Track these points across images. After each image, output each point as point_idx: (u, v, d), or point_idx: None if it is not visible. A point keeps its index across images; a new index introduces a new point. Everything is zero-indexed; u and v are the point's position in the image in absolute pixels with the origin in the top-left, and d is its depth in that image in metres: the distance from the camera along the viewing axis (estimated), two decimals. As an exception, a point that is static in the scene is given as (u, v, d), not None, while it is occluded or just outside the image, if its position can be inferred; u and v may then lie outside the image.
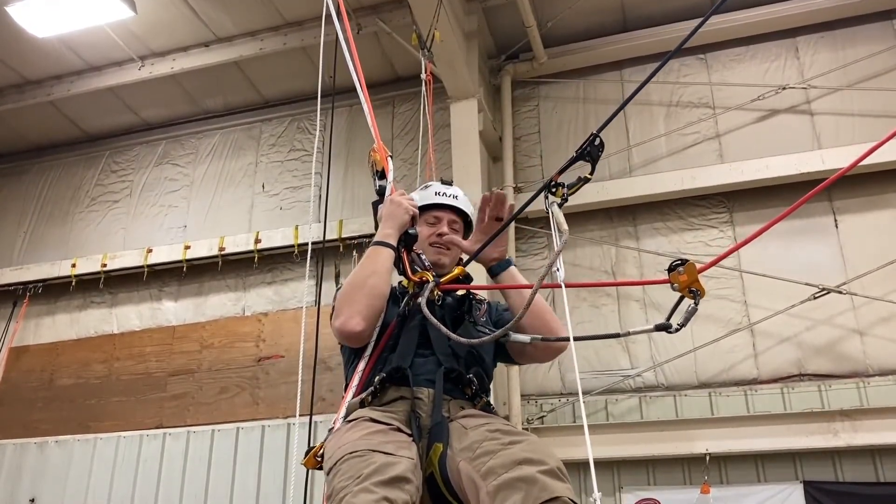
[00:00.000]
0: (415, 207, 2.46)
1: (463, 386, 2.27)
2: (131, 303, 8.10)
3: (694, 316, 1.77)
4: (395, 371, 2.21)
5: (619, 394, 6.19)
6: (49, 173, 9.17)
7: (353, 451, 1.90)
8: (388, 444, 1.92)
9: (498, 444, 1.92)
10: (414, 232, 2.45)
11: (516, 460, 1.83)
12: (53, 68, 8.08)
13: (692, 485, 5.71)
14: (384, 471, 1.78)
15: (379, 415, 2.11)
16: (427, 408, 2.15)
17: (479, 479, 1.85)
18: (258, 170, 8.19)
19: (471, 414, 2.20)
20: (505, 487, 1.77)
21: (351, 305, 2.24)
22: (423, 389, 2.18)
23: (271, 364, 7.22)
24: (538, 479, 1.75)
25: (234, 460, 6.89)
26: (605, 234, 6.78)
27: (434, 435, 2.06)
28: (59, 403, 7.81)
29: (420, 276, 2.37)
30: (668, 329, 1.83)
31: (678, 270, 1.80)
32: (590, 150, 2.05)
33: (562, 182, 2.09)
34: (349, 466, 1.84)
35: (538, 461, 1.82)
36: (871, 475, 5.45)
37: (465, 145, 6.56)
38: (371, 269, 2.30)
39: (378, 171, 2.65)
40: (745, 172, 6.36)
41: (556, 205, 2.07)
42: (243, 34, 7.59)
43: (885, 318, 5.79)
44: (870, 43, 6.56)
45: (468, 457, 1.94)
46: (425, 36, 5.88)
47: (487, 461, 1.88)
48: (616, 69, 7.26)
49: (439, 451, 2.01)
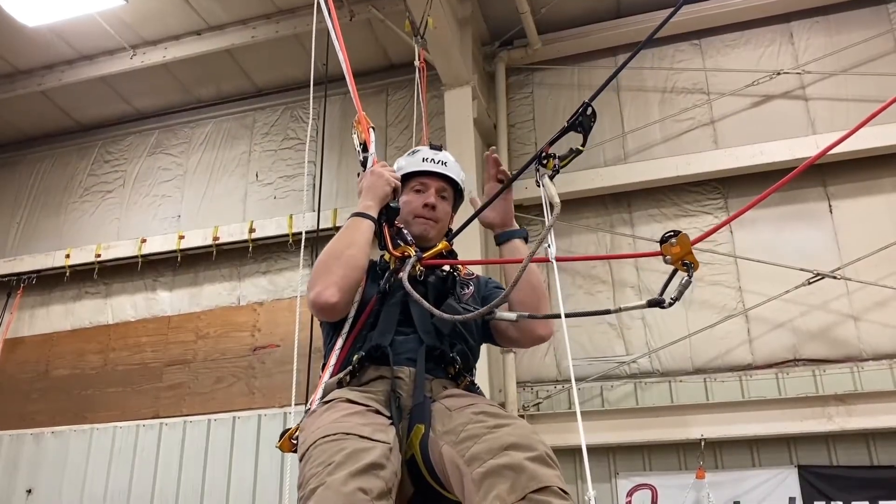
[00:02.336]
0: (396, 180, 2.38)
1: (445, 365, 2.17)
2: (126, 293, 8.08)
3: (688, 289, 1.72)
4: (375, 349, 2.12)
5: (615, 380, 6.20)
6: (42, 164, 9.12)
7: (326, 434, 1.81)
8: (365, 427, 1.84)
9: (483, 428, 1.83)
10: (396, 205, 2.36)
11: (503, 445, 1.74)
12: (44, 58, 8.01)
13: (687, 470, 5.74)
14: (358, 457, 1.69)
15: (357, 395, 2.02)
16: (408, 387, 2.06)
17: (464, 464, 1.76)
18: (252, 159, 8.16)
19: (454, 394, 2.11)
20: (491, 475, 1.68)
21: (327, 276, 2.14)
22: (403, 369, 2.09)
23: (267, 353, 7.22)
24: (526, 467, 1.67)
25: (230, 450, 6.90)
26: (599, 221, 6.78)
27: (415, 416, 1.97)
28: (55, 394, 7.80)
29: (402, 250, 2.27)
30: (661, 304, 1.76)
31: (670, 242, 1.75)
32: (581, 120, 1.99)
33: (553, 153, 2.04)
34: (321, 452, 1.76)
35: (526, 446, 1.72)
36: (864, 459, 5.49)
37: (460, 133, 6.54)
38: (349, 239, 2.21)
39: (361, 144, 2.57)
40: (740, 158, 6.36)
41: (548, 176, 2.02)
42: (235, 22, 7.54)
43: (879, 302, 5.81)
44: (864, 28, 6.55)
45: (451, 440, 1.85)
46: (418, 23, 5.85)
47: (472, 446, 1.78)
48: (610, 55, 7.23)
49: (420, 433, 1.92)
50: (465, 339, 2.29)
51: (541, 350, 6.50)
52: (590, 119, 1.99)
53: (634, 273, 6.47)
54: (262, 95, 8.37)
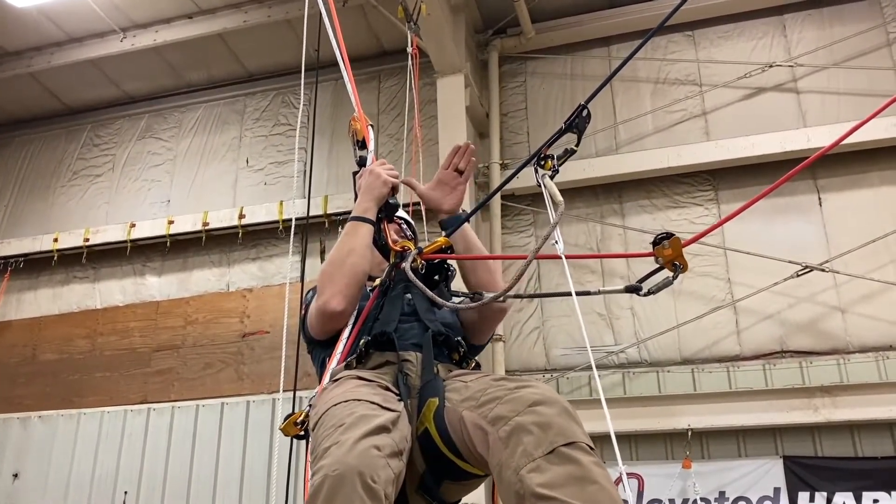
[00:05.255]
0: (395, 178, 2.39)
1: (450, 351, 2.21)
2: (114, 278, 8.04)
3: (667, 287, 1.78)
4: (381, 335, 2.15)
5: (603, 370, 6.23)
6: (30, 147, 9.04)
7: (338, 402, 1.81)
8: (376, 396, 1.84)
9: (504, 390, 1.81)
10: (394, 202, 2.39)
11: (528, 402, 1.71)
12: (33, 39, 7.94)
13: (674, 460, 5.79)
14: (369, 420, 1.69)
15: (366, 373, 2.05)
16: (416, 369, 2.07)
17: (488, 424, 1.75)
18: (242, 144, 8.11)
19: (465, 372, 2.14)
20: (518, 431, 1.66)
21: (331, 286, 2.19)
22: (410, 353, 2.11)
23: (256, 340, 7.21)
24: (553, 422, 1.64)
25: (218, 435, 6.90)
26: (590, 212, 6.79)
27: (426, 391, 1.98)
28: (43, 378, 7.78)
29: (402, 245, 2.32)
30: (637, 291, 1.83)
31: (663, 244, 1.79)
32: (577, 121, 2.03)
33: (551, 154, 2.08)
34: (331, 416, 1.77)
35: (552, 402, 1.70)
36: (849, 450, 5.55)
37: (452, 121, 6.52)
38: (349, 246, 2.25)
39: (359, 141, 2.57)
40: (731, 150, 6.37)
41: (548, 177, 2.05)
42: (227, 6, 7.48)
43: (866, 295, 5.85)
44: (856, 21, 6.56)
45: (472, 405, 1.84)
46: (411, 9, 5.81)
47: (494, 407, 1.77)
48: (604, 45, 7.22)
49: (434, 406, 1.92)
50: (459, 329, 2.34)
51: (530, 339, 6.52)
52: (585, 120, 2.04)
53: (624, 265, 6.48)
54: (253, 80, 8.32)
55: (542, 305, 6.57)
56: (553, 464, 1.57)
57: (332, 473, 1.54)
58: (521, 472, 1.59)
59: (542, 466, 1.58)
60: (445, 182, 2.44)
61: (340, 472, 1.53)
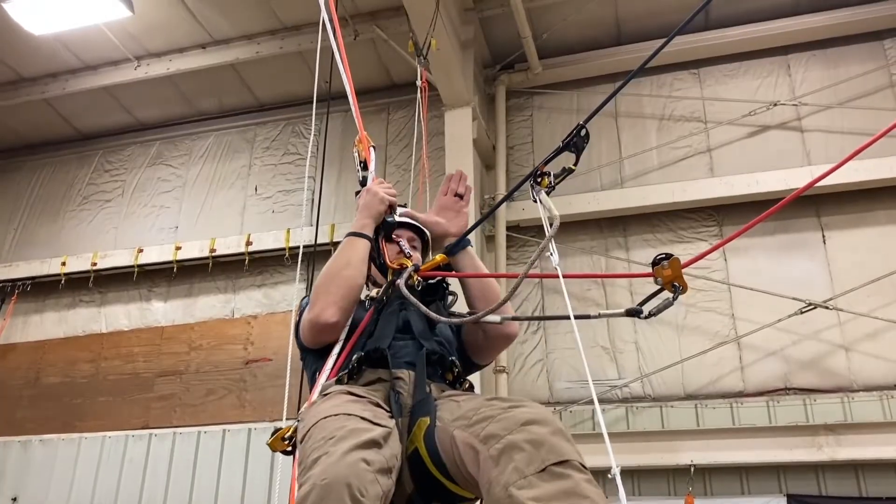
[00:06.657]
0: (392, 196, 2.45)
1: (444, 371, 2.19)
2: (120, 302, 8.08)
3: (667, 308, 1.78)
4: (374, 351, 2.13)
5: (606, 404, 6.20)
6: (42, 171, 9.14)
7: (328, 415, 1.80)
8: (366, 412, 1.83)
9: (497, 409, 1.78)
10: (392, 220, 2.44)
11: (520, 421, 1.69)
12: (49, 66, 8.07)
13: (676, 496, 5.73)
14: (359, 434, 1.68)
15: (357, 389, 2.02)
16: (408, 387, 2.05)
17: (479, 443, 1.72)
18: (251, 172, 8.19)
19: (458, 392, 2.13)
20: (509, 449, 1.63)
21: (325, 297, 2.21)
22: (403, 371, 2.08)
23: (259, 367, 7.21)
24: (545, 440, 1.62)
25: (219, 462, 6.87)
26: (595, 245, 6.82)
27: (418, 410, 1.95)
28: (45, 402, 7.77)
29: (399, 262, 2.35)
30: (638, 314, 1.84)
31: (662, 265, 1.81)
32: (575, 140, 2.07)
33: (548, 171, 2.13)
34: (321, 429, 1.75)
35: (544, 422, 1.68)
36: (853, 490, 5.48)
37: (459, 153, 6.59)
38: (345, 259, 2.29)
39: (361, 162, 2.66)
40: (735, 187, 6.41)
41: (544, 192, 2.10)
42: (240, 37, 7.61)
43: (870, 333, 5.85)
44: (860, 62, 6.65)
45: (463, 424, 1.81)
46: (422, 44, 5.92)
47: (486, 426, 1.74)
48: (610, 81, 7.30)
49: (425, 425, 1.89)
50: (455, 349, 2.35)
51: (534, 371, 6.51)
52: (583, 140, 2.08)
53: (628, 296, 6.49)
54: (264, 110, 8.43)
55: (545, 338, 6.58)
56: (544, 481, 1.55)
57: (320, 482, 1.53)
58: (510, 489, 1.56)
59: (533, 483, 1.55)
60: (448, 207, 2.53)
61: (328, 482, 1.52)
